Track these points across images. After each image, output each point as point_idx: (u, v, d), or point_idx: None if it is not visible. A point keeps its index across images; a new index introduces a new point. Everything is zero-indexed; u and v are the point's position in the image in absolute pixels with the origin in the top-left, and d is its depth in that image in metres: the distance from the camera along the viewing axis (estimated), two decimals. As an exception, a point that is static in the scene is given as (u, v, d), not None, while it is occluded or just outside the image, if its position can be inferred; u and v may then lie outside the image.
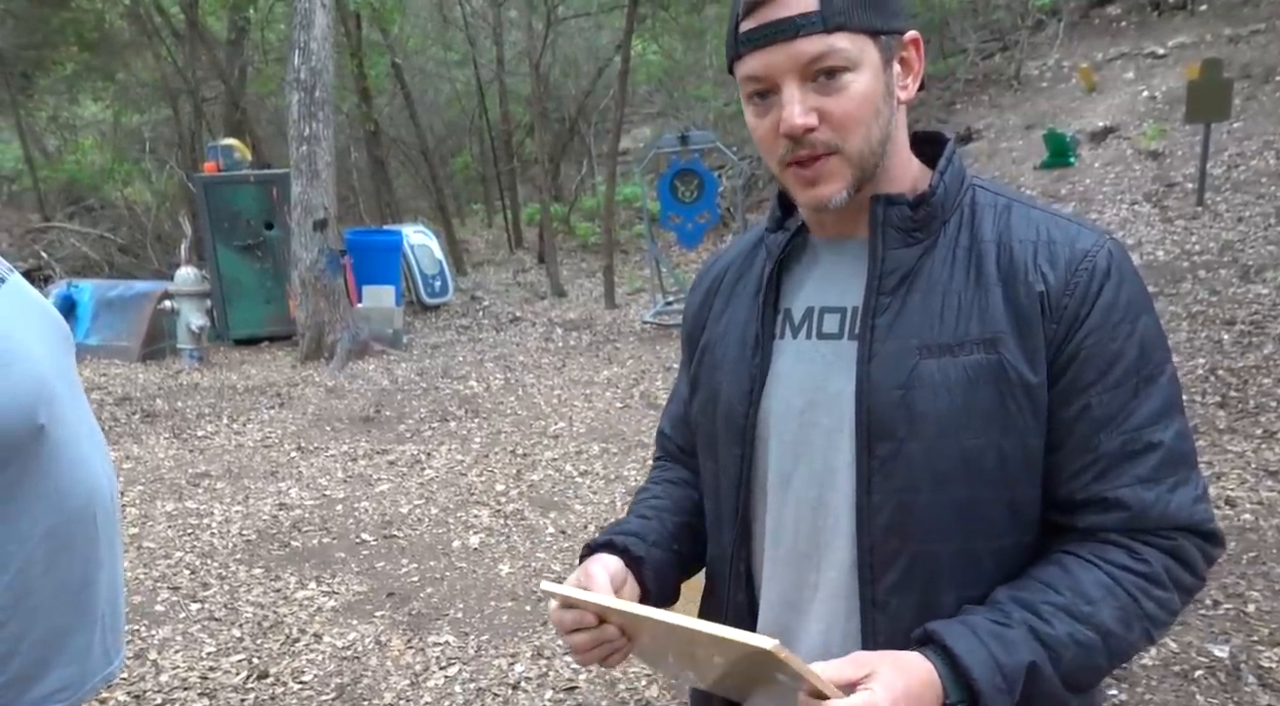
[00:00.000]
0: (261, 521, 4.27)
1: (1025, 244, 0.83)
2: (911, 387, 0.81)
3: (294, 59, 7.59)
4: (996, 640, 0.76)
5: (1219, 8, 12.19)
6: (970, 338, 0.81)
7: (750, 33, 0.81)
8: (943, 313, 0.82)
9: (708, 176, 8.67)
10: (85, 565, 1.12)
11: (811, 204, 0.85)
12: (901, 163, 0.87)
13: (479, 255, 14.88)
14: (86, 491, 1.10)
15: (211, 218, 8.54)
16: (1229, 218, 7.78)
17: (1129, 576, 0.79)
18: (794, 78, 0.80)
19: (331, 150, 7.81)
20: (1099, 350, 0.80)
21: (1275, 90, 9.79)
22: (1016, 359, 0.80)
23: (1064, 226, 0.84)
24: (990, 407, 0.80)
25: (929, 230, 0.85)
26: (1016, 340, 0.80)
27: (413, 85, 14.70)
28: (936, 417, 0.80)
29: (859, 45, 0.79)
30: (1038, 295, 0.80)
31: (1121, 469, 0.80)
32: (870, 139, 0.82)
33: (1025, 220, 0.85)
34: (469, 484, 4.63)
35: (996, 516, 0.82)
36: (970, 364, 0.80)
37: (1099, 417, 0.80)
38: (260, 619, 3.33)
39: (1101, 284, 0.80)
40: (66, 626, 1.07)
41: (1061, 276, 0.80)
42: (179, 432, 5.80)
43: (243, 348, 8.57)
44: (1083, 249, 0.82)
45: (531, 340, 8.38)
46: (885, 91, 0.82)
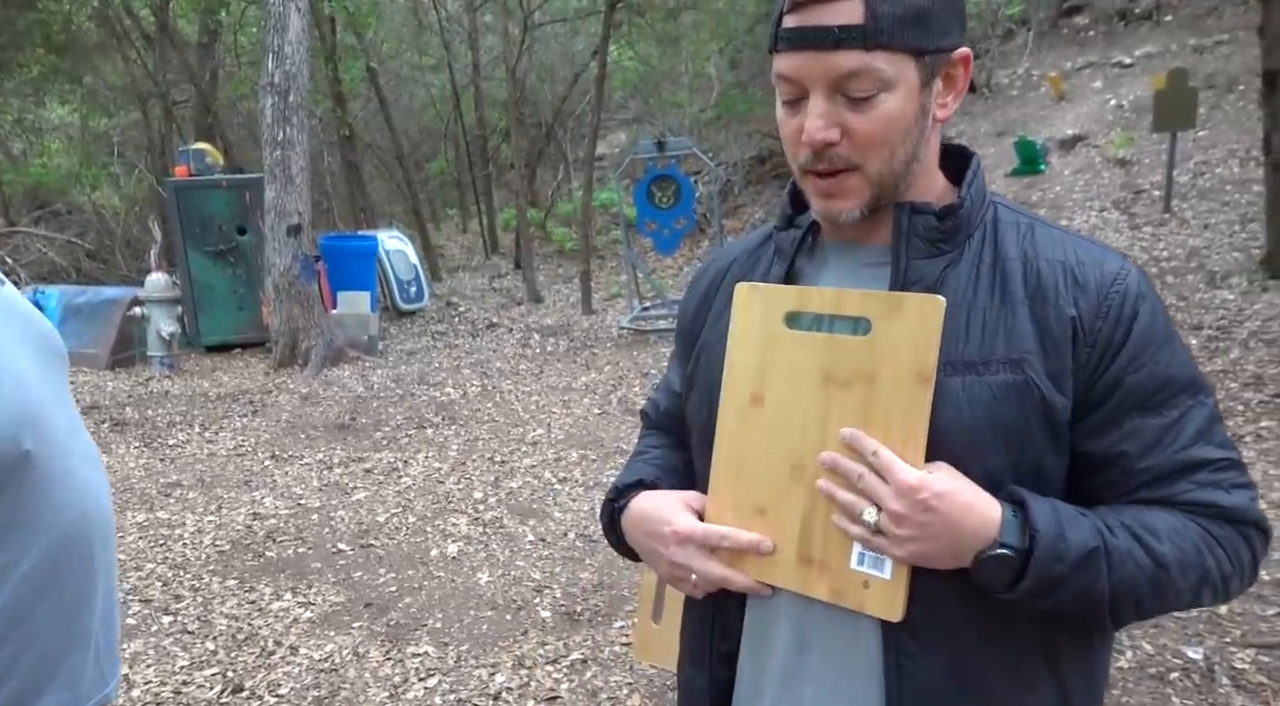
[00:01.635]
0: (235, 531, 4.20)
1: (1053, 264, 0.82)
2: (936, 405, 0.79)
3: (268, 63, 7.51)
4: (1070, 517, 0.77)
5: (1184, 19, 12.45)
6: (996, 356, 0.79)
7: (790, 32, 0.78)
8: (968, 329, 0.81)
9: (685, 182, 8.70)
10: (79, 587, 1.09)
11: (824, 215, 0.85)
12: (928, 177, 0.87)
13: (454, 260, 14.80)
14: (79, 513, 1.07)
15: (183, 223, 8.42)
16: (1195, 224, 7.93)
17: (1198, 529, 0.80)
18: (823, 88, 0.78)
19: (306, 155, 7.73)
20: (1141, 374, 0.80)
21: (1239, 99, 10.01)
22: (1042, 380, 0.79)
23: (1089, 249, 0.84)
24: (1014, 428, 0.79)
25: (953, 243, 0.84)
26: (1042, 361, 0.79)
27: (387, 89, 14.61)
28: (959, 434, 0.79)
29: (898, 66, 0.77)
30: (1069, 319, 0.79)
31: (1177, 480, 0.81)
32: (894, 160, 0.81)
33: (1050, 240, 0.84)
34: (446, 491, 4.59)
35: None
36: (996, 383, 0.79)
37: (1151, 439, 0.80)
38: (235, 631, 3.27)
39: (1136, 308, 0.80)
40: (60, 650, 1.05)
41: (1093, 300, 0.80)
42: (149, 441, 5.70)
43: (214, 354, 8.45)
44: (1111, 272, 0.81)
45: (508, 346, 8.35)
46: (919, 112, 0.80)
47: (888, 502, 0.76)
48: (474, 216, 16.26)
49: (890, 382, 0.78)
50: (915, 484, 0.75)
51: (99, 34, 13.63)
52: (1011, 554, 0.75)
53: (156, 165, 13.71)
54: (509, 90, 11.62)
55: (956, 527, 0.75)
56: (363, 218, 13.85)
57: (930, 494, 0.74)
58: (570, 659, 2.96)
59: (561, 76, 15.52)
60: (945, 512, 0.74)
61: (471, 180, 15.93)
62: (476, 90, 14.40)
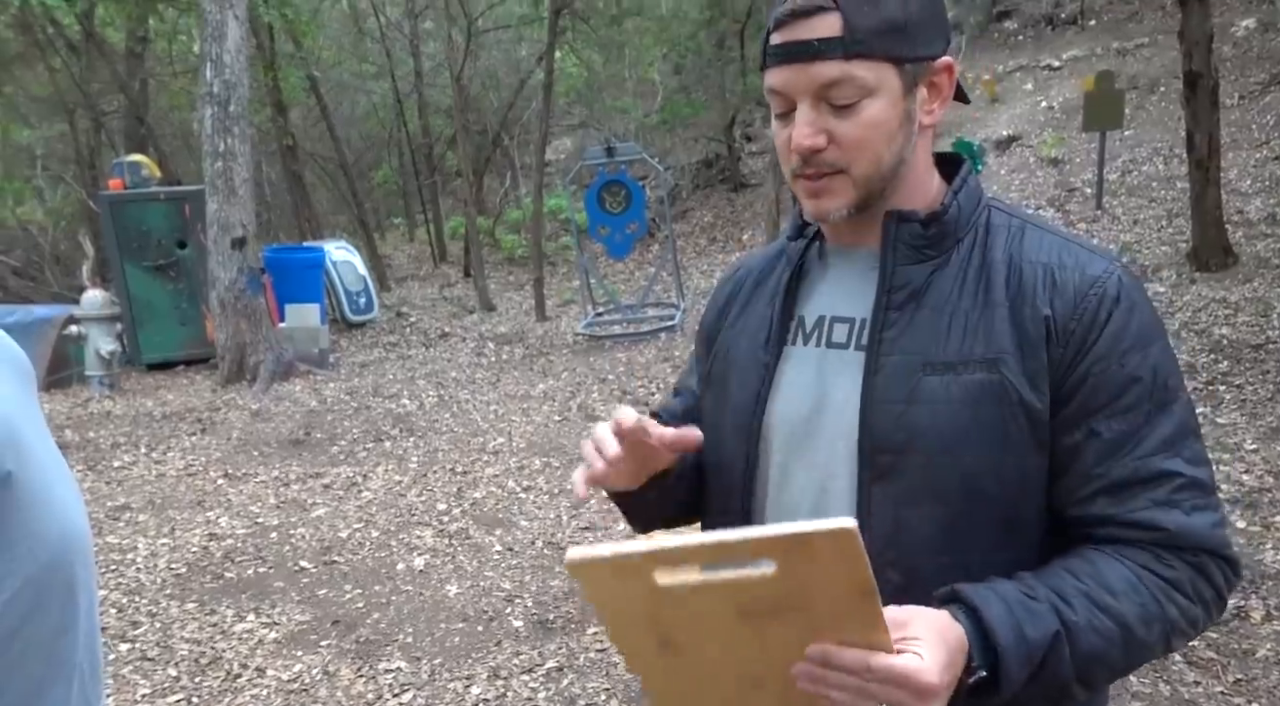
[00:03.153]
0: (191, 553, 4.09)
1: (1035, 265, 0.84)
2: (913, 403, 0.82)
3: (206, 72, 7.32)
4: (1024, 609, 0.75)
5: (1107, 23, 12.97)
6: (974, 357, 0.82)
7: (776, 48, 0.83)
8: (949, 331, 0.83)
9: (635, 188, 8.74)
10: (62, 613, 1.06)
11: (813, 215, 0.89)
12: (919, 181, 0.89)
13: (402, 270, 14.61)
14: (61, 536, 1.05)
15: (119, 237, 8.15)
16: (1125, 220, 8.27)
17: (1153, 577, 0.79)
18: (809, 98, 0.82)
19: (249, 165, 7.56)
20: (1108, 377, 0.80)
21: (1160, 100, 10.47)
22: (1018, 380, 0.80)
23: (1075, 252, 0.85)
24: (990, 427, 0.80)
25: (940, 248, 0.86)
26: (1019, 361, 0.81)
27: (329, 97, 14.37)
28: (937, 434, 0.81)
29: (878, 73, 0.80)
30: (1043, 319, 0.81)
31: (1134, 493, 0.80)
32: (879, 163, 0.83)
33: (1038, 243, 0.86)
34: (409, 504, 4.54)
35: (991, 534, 0.83)
36: (972, 383, 0.81)
37: (1109, 443, 0.80)
38: (197, 656, 3.19)
39: (1110, 311, 0.81)
40: (44, 678, 1.02)
41: (1069, 302, 0.81)
42: (93, 465, 5.50)
43: (156, 372, 8.19)
44: (1092, 275, 0.82)
45: (463, 355, 8.27)
46: (903, 117, 0.83)
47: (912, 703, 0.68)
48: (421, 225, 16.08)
49: (828, 608, 0.66)
50: (936, 684, 0.67)
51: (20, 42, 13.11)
52: (985, 674, 0.73)
53: (85, 178, 13.24)
54: (454, 97, 11.53)
55: (951, 682, 0.71)
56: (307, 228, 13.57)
57: (945, 684, 0.69)
58: (546, 667, 2.96)
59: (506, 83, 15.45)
60: (950, 682, 0.70)
61: (417, 188, 15.76)
62: (420, 97, 14.26)
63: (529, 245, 11.77)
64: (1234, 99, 9.42)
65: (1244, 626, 2.74)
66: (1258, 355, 5.00)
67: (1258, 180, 8.16)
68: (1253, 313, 5.62)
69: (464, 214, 12.35)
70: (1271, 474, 3.68)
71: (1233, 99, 9.37)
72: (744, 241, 11.88)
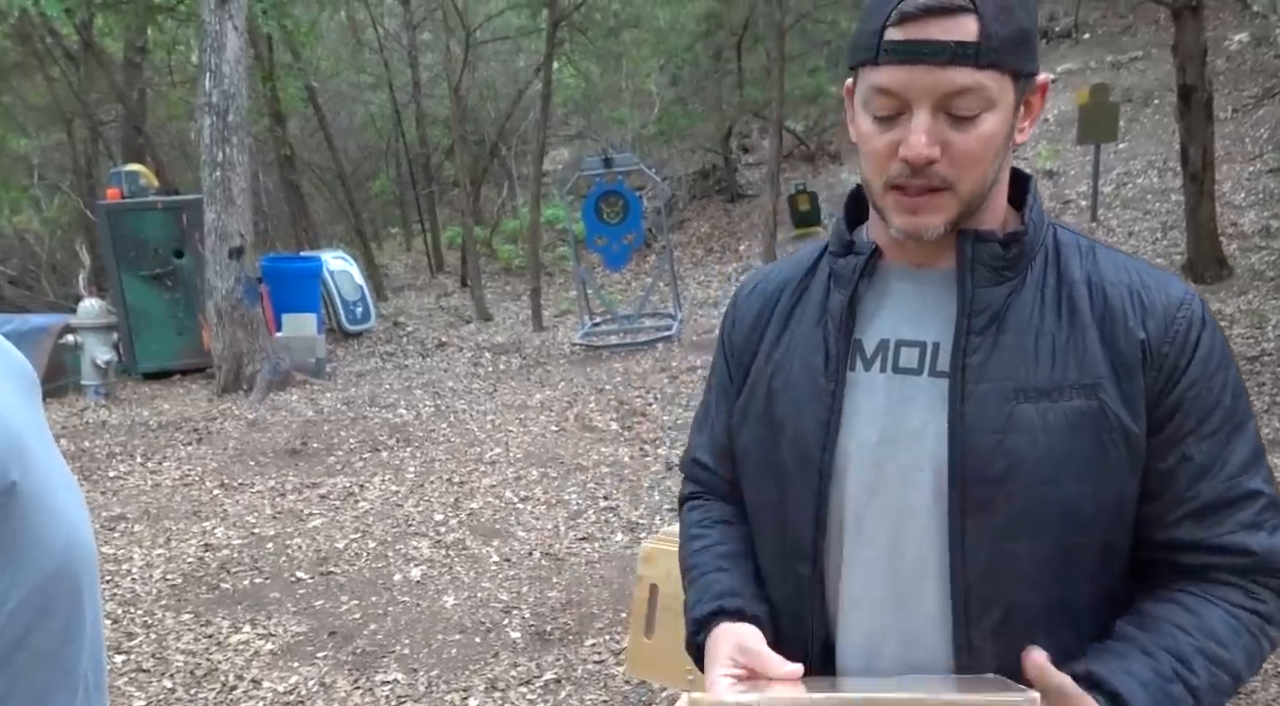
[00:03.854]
0: (186, 564, 4.07)
1: (1118, 286, 0.82)
2: (1009, 432, 0.79)
3: (205, 82, 7.34)
4: (1160, 692, 0.76)
5: (1101, 37, 13.06)
6: (1069, 382, 0.79)
7: (898, 44, 0.75)
8: (1037, 355, 0.80)
9: (632, 198, 8.77)
10: (68, 622, 1.06)
11: (907, 232, 0.82)
12: (999, 201, 0.86)
13: (399, 280, 14.61)
14: (66, 545, 1.05)
15: (116, 246, 8.14)
16: (1121, 232, 8.32)
17: (1249, 616, 0.80)
18: (929, 104, 0.76)
19: (247, 175, 7.57)
20: (1199, 400, 0.80)
21: (1154, 113, 10.55)
22: (1117, 406, 0.79)
23: (1153, 274, 0.84)
24: (1090, 454, 0.79)
25: (1017, 269, 0.83)
26: (1115, 386, 0.79)
27: (326, 108, 14.40)
28: (1036, 463, 0.79)
29: (1001, 86, 0.76)
30: (1139, 342, 0.79)
31: (1223, 515, 0.81)
32: (985, 180, 0.80)
33: (1113, 264, 0.84)
34: (406, 515, 4.52)
35: (1091, 563, 0.82)
36: (1071, 410, 0.79)
37: (1199, 466, 0.81)
38: (193, 667, 3.17)
39: (1199, 333, 0.81)
40: (48, 687, 1.02)
41: (1160, 324, 0.80)
42: (89, 474, 5.48)
43: (152, 382, 8.17)
44: (1178, 297, 0.82)
45: (460, 365, 8.27)
46: (1008, 132, 0.80)
47: None
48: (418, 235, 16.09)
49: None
50: None
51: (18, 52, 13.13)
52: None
53: (82, 187, 13.23)
54: (452, 108, 11.56)
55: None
56: (305, 238, 13.58)
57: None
58: (544, 679, 2.95)
59: (504, 94, 15.50)
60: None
61: (415, 198, 15.78)
62: (418, 108, 14.30)
63: (526, 255, 11.79)
64: (1227, 112, 9.49)
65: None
66: (1253, 367, 5.02)
67: (1251, 193, 8.21)
68: (1248, 325, 5.64)
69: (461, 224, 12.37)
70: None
71: (1226, 112, 9.44)
72: (740, 252, 11.91)
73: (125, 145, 12.89)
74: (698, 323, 8.92)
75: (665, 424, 5.72)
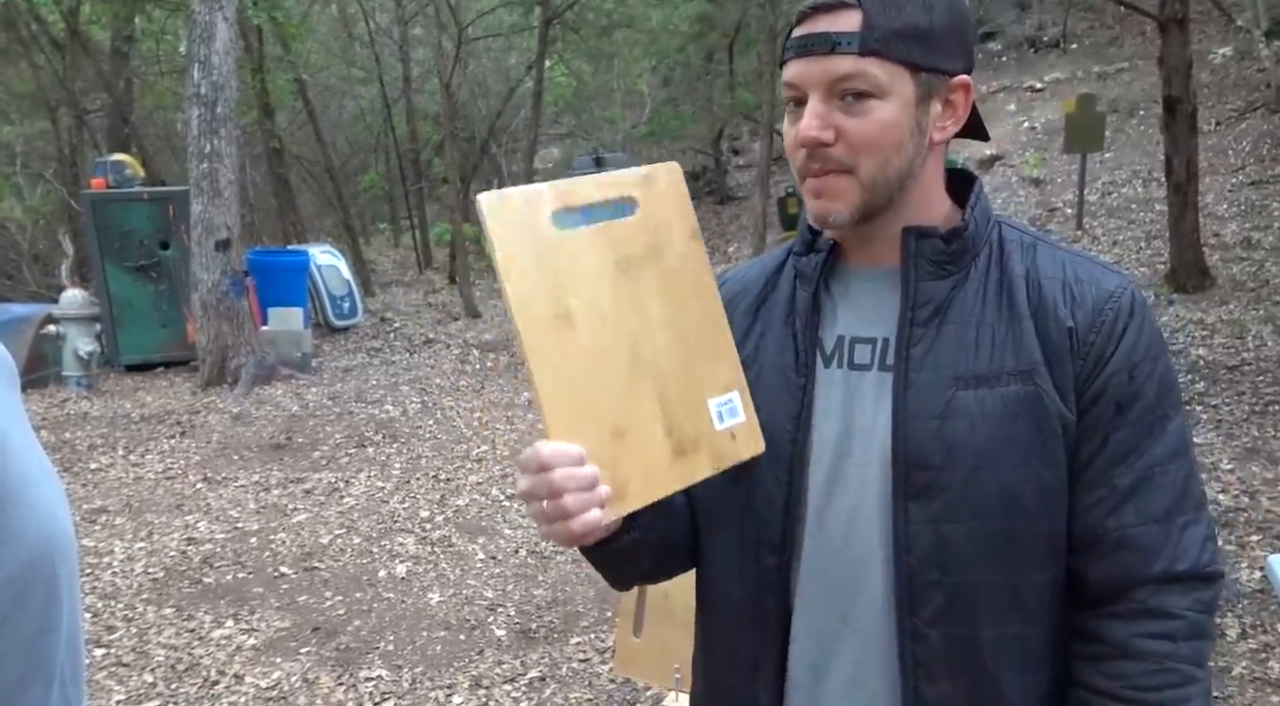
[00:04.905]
0: (169, 558, 4.05)
1: (1053, 280, 0.85)
2: (948, 418, 0.82)
3: (194, 73, 7.28)
4: None
5: (1088, 48, 13.19)
6: (1006, 369, 0.82)
7: (795, 40, 0.83)
8: (977, 344, 0.83)
9: (622, 198, 8.76)
10: (44, 614, 1.06)
11: (814, 216, 0.87)
12: (930, 199, 0.89)
13: (386, 275, 14.54)
14: (44, 535, 1.04)
15: (100, 237, 8.06)
16: (1105, 240, 8.40)
17: (1180, 651, 0.81)
18: (820, 92, 0.81)
19: (235, 167, 7.52)
20: (1121, 388, 0.82)
21: (1140, 123, 10.66)
22: (1051, 391, 0.82)
23: (1089, 267, 0.87)
24: (1028, 439, 0.81)
25: (960, 264, 0.87)
26: (1049, 372, 0.82)
27: (316, 101, 14.32)
28: (975, 449, 0.81)
29: (891, 75, 0.80)
30: (1067, 331, 0.83)
31: (1133, 504, 0.82)
32: (887, 168, 0.83)
33: (1051, 258, 0.87)
34: (391, 511, 4.51)
35: (1037, 548, 0.83)
36: (1008, 395, 0.82)
37: (1116, 453, 0.82)
38: (174, 661, 3.15)
39: (1126, 324, 0.83)
40: (23, 678, 1.01)
41: (1089, 314, 0.83)
42: (69, 466, 5.43)
43: (135, 374, 8.10)
44: (1108, 289, 0.84)
45: (447, 362, 8.24)
46: (914, 127, 0.83)
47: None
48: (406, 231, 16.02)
49: (674, 251, 0.80)
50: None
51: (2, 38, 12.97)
52: None
53: (66, 176, 13.09)
54: (442, 104, 11.52)
55: None
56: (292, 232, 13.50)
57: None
58: (528, 677, 2.95)
59: (495, 91, 15.47)
60: None
61: (404, 194, 15.71)
62: (408, 103, 14.24)
63: (515, 253, 11.73)
64: (1211, 125, 9.60)
65: (1220, 644, 2.78)
66: (1233, 376, 5.08)
67: (1234, 204, 8.32)
68: (1229, 334, 5.72)
69: (450, 220, 12.33)
70: (1247, 493, 3.74)
71: (1210, 125, 9.55)
72: (730, 254, 11.94)
73: (111, 135, 12.76)
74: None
75: (652, 424, 5.73)
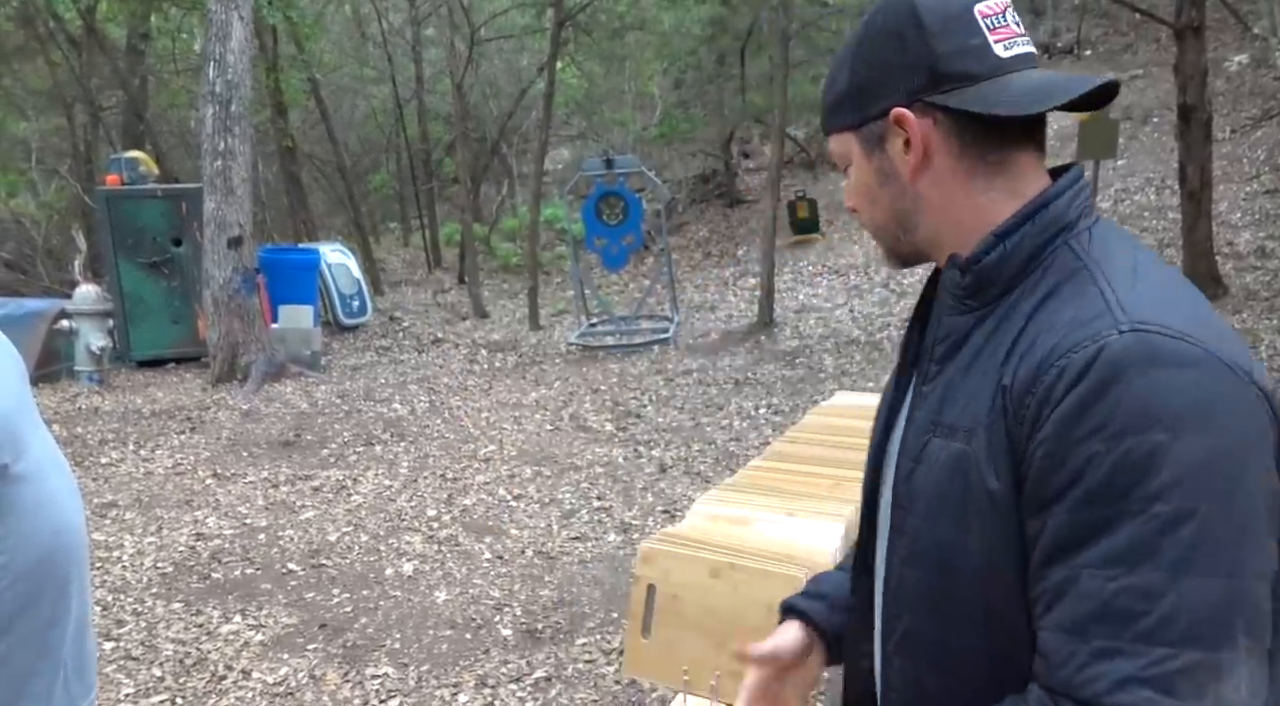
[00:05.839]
0: (178, 553, 4.07)
1: (1040, 325, 0.72)
2: (919, 463, 0.78)
3: (209, 71, 7.34)
4: None
5: (1103, 54, 13.14)
6: (963, 424, 0.75)
7: None
8: (960, 391, 0.76)
9: (633, 200, 8.79)
10: (54, 608, 1.07)
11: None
12: (963, 225, 0.81)
13: (396, 275, 14.60)
14: (55, 530, 1.06)
15: (114, 233, 8.13)
16: (1117, 248, 8.35)
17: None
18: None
19: (248, 165, 7.57)
20: (1053, 464, 0.67)
21: (1154, 131, 10.61)
22: (980, 456, 0.72)
23: (1093, 307, 0.70)
24: (957, 501, 0.74)
25: (983, 298, 0.78)
26: (986, 435, 0.72)
27: (329, 101, 14.39)
28: (925, 499, 0.77)
29: (843, 144, 0.86)
30: (1002, 389, 0.72)
31: (1055, 607, 0.67)
32: (875, 220, 0.87)
33: (1071, 294, 0.73)
34: (399, 509, 4.53)
35: (972, 616, 0.74)
36: (953, 451, 0.75)
37: (1053, 543, 0.67)
38: (182, 656, 3.17)
39: (1070, 386, 0.66)
40: (30, 669, 1.03)
41: (1031, 370, 0.70)
42: (80, 460, 5.46)
43: (146, 370, 8.15)
44: (1074, 340, 0.68)
45: (455, 362, 8.27)
46: (880, 174, 0.83)
47: None
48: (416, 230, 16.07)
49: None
50: None
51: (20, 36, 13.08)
52: None
53: (81, 173, 13.19)
54: (454, 104, 11.57)
55: None
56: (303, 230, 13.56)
57: None
58: (534, 677, 2.95)
59: (507, 92, 15.52)
60: None
61: (414, 194, 15.77)
62: (420, 103, 14.30)
63: (524, 254, 11.79)
64: (1225, 133, 9.55)
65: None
66: (1245, 385, 5.05)
67: (1248, 213, 8.27)
68: (1241, 343, 5.68)
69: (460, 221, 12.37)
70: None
71: (1225, 133, 9.50)
72: (739, 257, 11.94)
73: (125, 132, 12.86)
74: (694, 326, 8.93)
75: (660, 426, 5.74)
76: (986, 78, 0.77)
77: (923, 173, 0.80)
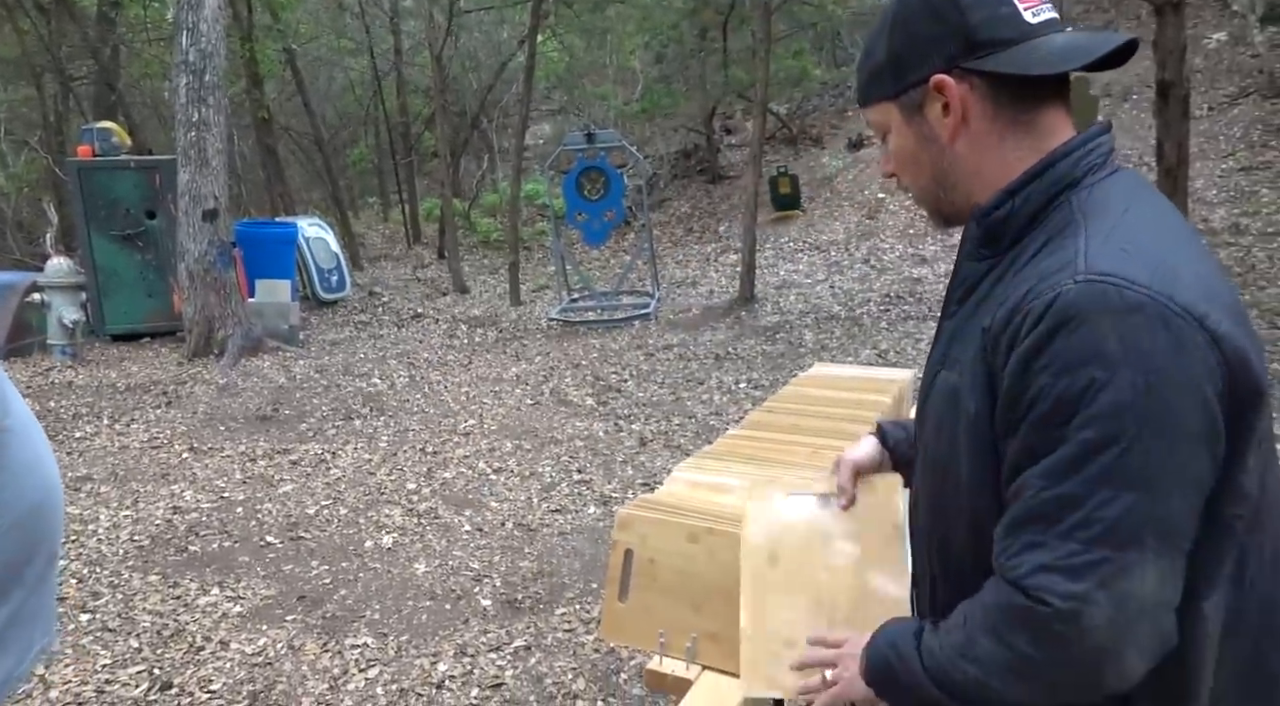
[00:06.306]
0: (154, 526, 4.04)
1: (1026, 274, 0.82)
2: (930, 392, 0.93)
3: (182, 40, 7.18)
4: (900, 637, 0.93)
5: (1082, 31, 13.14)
6: (963, 359, 0.87)
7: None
8: (965, 331, 0.88)
9: (614, 174, 8.73)
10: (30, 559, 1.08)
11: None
12: (991, 181, 0.88)
13: (375, 250, 14.46)
14: (45, 488, 1.07)
15: (86, 205, 7.98)
16: (1095, 225, 8.42)
17: (977, 613, 0.83)
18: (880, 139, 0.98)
19: (223, 137, 7.44)
20: (1015, 395, 0.78)
21: (1132, 108, 10.66)
22: (965, 385, 0.85)
23: (1063, 258, 0.79)
24: (950, 424, 0.88)
25: (996, 247, 0.88)
26: (971, 369, 0.85)
27: (305, 72, 14.14)
28: (933, 421, 0.92)
29: (883, 113, 0.93)
30: (983, 330, 0.83)
31: (1008, 510, 0.81)
32: (918, 184, 0.95)
33: (1059, 246, 0.81)
34: (378, 483, 4.51)
35: (961, 528, 0.90)
36: (949, 380, 0.89)
37: (1013, 460, 0.80)
38: (159, 627, 3.16)
39: (1030, 329, 0.77)
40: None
41: (1006, 313, 0.80)
42: (54, 434, 5.40)
43: (120, 343, 8.05)
44: (1038, 290, 0.78)
45: (435, 337, 8.22)
46: (920, 139, 0.91)
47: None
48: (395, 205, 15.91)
49: (873, 538, 1.12)
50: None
51: (-14, 2, 12.71)
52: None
53: (51, 144, 12.91)
54: (433, 77, 11.40)
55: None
56: (280, 204, 13.38)
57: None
58: (513, 646, 2.97)
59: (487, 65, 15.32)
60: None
61: (393, 168, 15.59)
62: (399, 76, 14.09)
63: (505, 229, 11.71)
64: (1203, 110, 9.61)
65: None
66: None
67: (1223, 190, 8.35)
68: (1213, 319, 5.76)
69: (440, 195, 12.24)
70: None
71: (1202, 110, 9.56)
72: (720, 233, 11.92)
73: (97, 102, 12.58)
74: (675, 302, 8.93)
75: (640, 400, 5.75)
76: (1018, 43, 0.84)
77: (960, 134, 0.88)
